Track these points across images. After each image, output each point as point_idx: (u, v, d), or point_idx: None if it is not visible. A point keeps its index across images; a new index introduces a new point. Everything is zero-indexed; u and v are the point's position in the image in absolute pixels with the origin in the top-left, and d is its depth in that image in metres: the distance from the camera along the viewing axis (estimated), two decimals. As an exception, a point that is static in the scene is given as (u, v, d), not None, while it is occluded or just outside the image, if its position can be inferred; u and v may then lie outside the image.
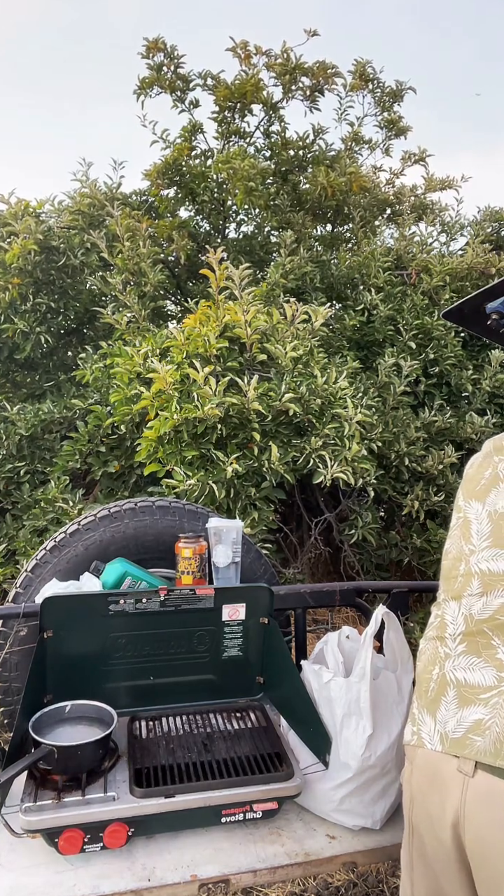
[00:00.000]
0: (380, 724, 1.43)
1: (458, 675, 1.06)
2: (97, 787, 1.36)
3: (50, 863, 1.31)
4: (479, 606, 1.08)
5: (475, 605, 1.09)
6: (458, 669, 1.07)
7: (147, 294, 3.52)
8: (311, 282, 3.68)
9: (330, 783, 1.45)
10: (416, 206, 4.49)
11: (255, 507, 2.53)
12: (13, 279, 3.45)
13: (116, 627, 1.62)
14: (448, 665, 1.09)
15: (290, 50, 4.00)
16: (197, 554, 1.77)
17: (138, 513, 1.90)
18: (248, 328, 2.63)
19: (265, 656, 1.74)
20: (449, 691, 1.07)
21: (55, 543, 1.84)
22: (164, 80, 4.05)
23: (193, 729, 1.61)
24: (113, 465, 2.94)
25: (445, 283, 3.77)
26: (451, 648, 1.11)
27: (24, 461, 3.10)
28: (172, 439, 2.50)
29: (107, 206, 3.59)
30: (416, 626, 2.61)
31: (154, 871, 1.30)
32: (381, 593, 2.05)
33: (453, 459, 3.07)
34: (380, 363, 3.24)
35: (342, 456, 2.52)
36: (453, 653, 1.10)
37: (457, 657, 1.08)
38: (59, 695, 1.56)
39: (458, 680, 1.06)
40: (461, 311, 1.42)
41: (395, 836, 1.44)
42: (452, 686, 1.07)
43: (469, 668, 1.05)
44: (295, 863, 1.36)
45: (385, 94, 4.34)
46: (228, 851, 1.37)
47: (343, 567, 3.29)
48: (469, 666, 1.05)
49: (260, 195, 3.74)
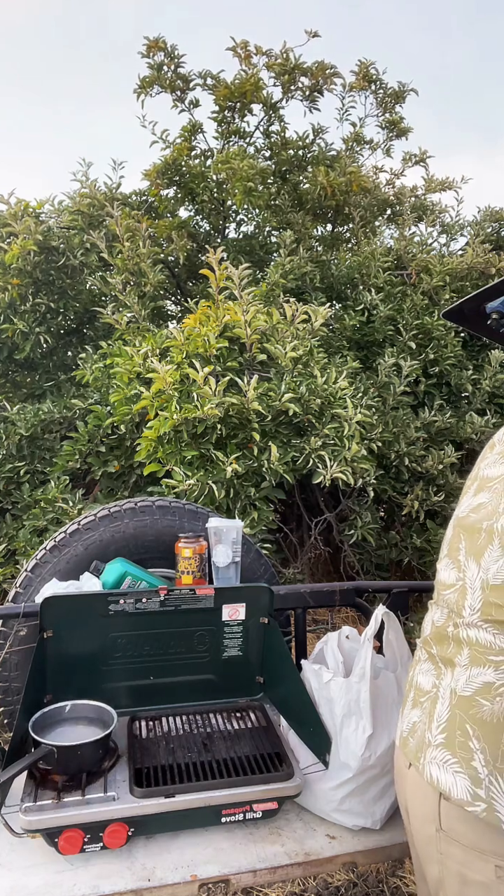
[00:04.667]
0: (380, 724, 1.43)
1: (419, 678, 1.11)
2: (97, 787, 1.36)
3: (50, 863, 1.31)
4: (438, 614, 1.11)
5: (436, 613, 1.12)
6: (419, 674, 1.11)
7: (147, 294, 3.53)
8: (311, 282, 3.68)
9: (330, 783, 1.45)
10: (417, 207, 4.50)
11: (255, 507, 2.53)
12: (13, 279, 3.46)
13: (116, 627, 1.62)
14: (416, 668, 1.14)
15: (289, 50, 4.01)
16: (197, 554, 1.77)
17: (138, 513, 1.90)
18: (247, 328, 2.63)
19: (265, 656, 1.74)
20: (411, 693, 1.12)
21: (55, 543, 1.83)
22: (165, 79, 4.06)
23: (193, 729, 1.61)
24: (113, 465, 2.94)
25: (445, 283, 3.77)
26: (420, 652, 1.15)
27: (24, 461, 3.10)
28: (172, 439, 2.50)
29: (106, 207, 3.59)
30: (416, 626, 2.60)
31: (154, 871, 1.30)
32: (381, 593, 2.05)
33: (453, 459, 3.07)
34: (380, 363, 3.24)
35: (342, 456, 2.52)
36: (421, 657, 1.14)
37: (422, 662, 1.13)
38: (59, 695, 1.56)
39: (417, 683, 1.11)
40: (461, 311, 1.42)
41: (395, 836, 1.44)
42: (412, 689, 1.12)
43: (424, 673, 1.10)
44: (295, 863, 1.36)
45: (387, 95, 4.34)
46: (228, 851, 1.36)
47: (343, 567, 3.30)
48: (425, 671, 1.10)
49: (259, 195, 3.75)
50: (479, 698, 0.95)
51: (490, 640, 0.96)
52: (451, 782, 0.95)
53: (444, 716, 1.00)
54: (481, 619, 0.99)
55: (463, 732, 0.96)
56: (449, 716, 0.99)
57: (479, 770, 0.93)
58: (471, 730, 0.95)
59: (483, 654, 0.97)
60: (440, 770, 0.97)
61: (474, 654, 0.98)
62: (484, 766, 0.93)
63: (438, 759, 0.98)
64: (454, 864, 0.95)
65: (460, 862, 0.94)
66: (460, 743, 0.96)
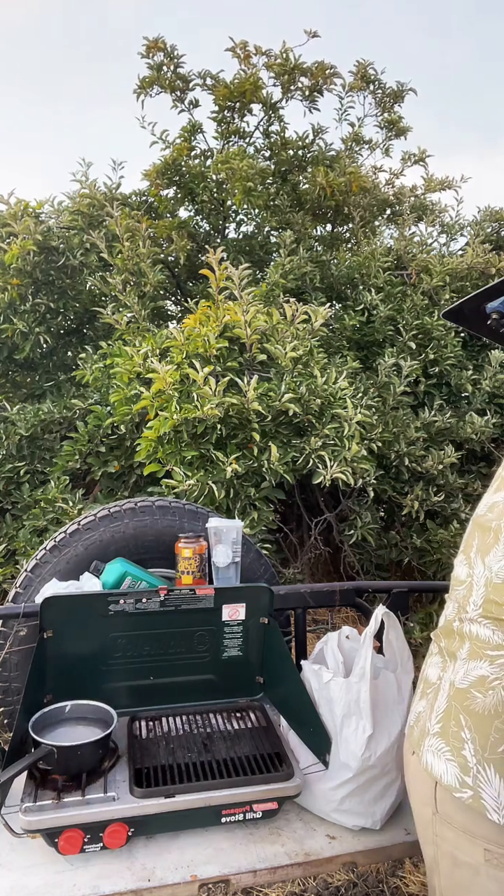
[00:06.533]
0: (380, 725, 1.43)
1: (428, 671, 1.15)
2: (97, 787, 1.36)
3: (50, 863, 1.31)
4: (450, 609, 1.15)
5: (449, 608, 1.16)
6: (429, 666, 1.16)
7: (147, 294, 3.52)
8: (311, 282, 3.68)
9: (330, 783, 1.45)
10: (416, 207, 4.50)
11: (255, 508, 2.53)
12: (12, 279, 3.46)
13: (116, 627, 1.62)
14: (427, 661, 1.18)
15: (289, 50, 4.01)
16: (197, 554, 1.77)
17: (138, 513, 1.90)
18: (247, 328, 2.63)
19: (265, 656, 1.74)
20: (420, 685, 1.17)
21: (55, 543, 1.83)
22: (164, 79, 4.06)
23: (193, 729, 1.61)
24: (113, 465, 2.94)
25: (445, 283, 3.77)
26: (432, 646, 1.19)
27: (24, 461, 3.10)
28: (172, 439, 2.50)
29: (106, 207, 3.59)
30: (416, 626, 2.60)
31: (154, 871, 1.30)
32: (381, 593, 2.05)
33: (453, 459, 3.07)
34: (380, 363, 3.24)
35: (342, 456, 2.52)
36: (432, 650, 1.18)
37: (433, 655, 1.17)
38: (59, 695, 1.56)
39: (426, 675, 1.15)
40: (461, 311, 1.42)
41: (395, 836, 1.44)
42: (422, 681, 1.17)
43: (432, 666, 1.14)
44: (295, 863, 1.36)
45: (386, 95, 4.34)
46: (228, 851, 1.36)
47: (343, 567, 3.30)
48: (434, 663, 1.14)
49: (259, 195, 3.75)
50: (473, 691, 0.99)
51: (488, 636, 1.00)
52: (443, 769, 1.00)
53: (441, 706, 1.05)
54: (482, 616, 1.02)
55: (457, 723, 1.00)
56: (446, 706, 1.03)
57: (469, 759, 0.97)
58: (464, 720, 0.99)
59: (481, 648, 1.01)
60: (435, 757, 1.02)
61: (473, 648, 1.02)
62: (473, 755, 0.97)
63: (434, 746, 1.03)
64: (447, 845, 1.00)
65: (452, 844, 0.99)
66: (453, 733, 1.00)
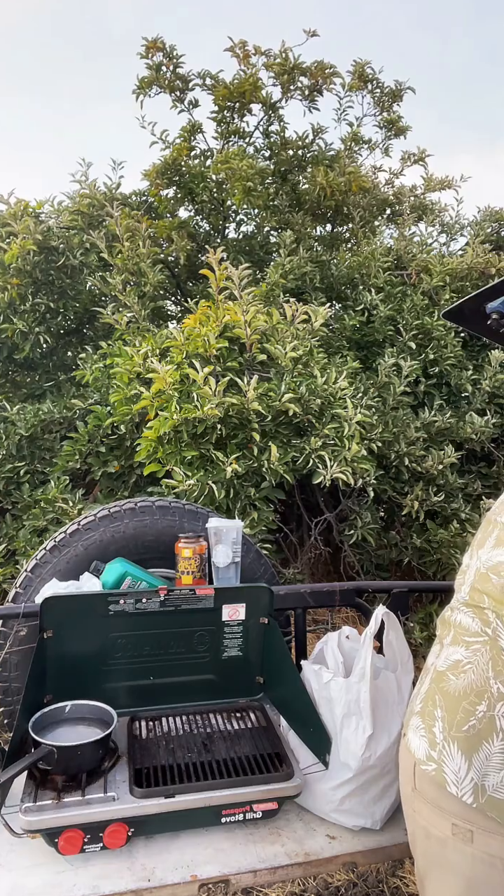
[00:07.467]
0: (380, 725, 1.43)
1: (429, 658, 1.18)
2: (97, 787, 1.36)
3: (50, 863, 1.31)
4: (452, 599, 1.18)
5: (453, 598, 1.19)
6: (430, 655, 1.19)
7: (147, 294, 3.52)
8: (311, 282, 3.67)
9: (330, 783, 1.45)
10: (416, 207, 4.49)
11: (255, 508, 2.53)
12: (12, 279, 3.45)
13: (116, 627, 1.62)
14: (431, 650, 1.21)
15: (288, 50, 4.00)
16: (197, 554, 1.77)
17: (138, 513, 1.90)
18: (247, 328, 2.63)
19: (265, 656, 1.74)
20: (422, 673, 1.20)
21: (55, 543, 1.83)
22: (164, 79, 4.05)
23: (193, 729, 1.61)
24: (113, 465, 2.94)
25: (445, 283, 3.77)
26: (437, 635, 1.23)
27: (24, 461, 3.09)
28: (172, 439, 2.50)
29: (106, 207, 3.59)
30: (416, 626, 2.60)
31: (154, 871, 1.30)
32: (381, 593, 2.05)
33: (453, 459, 3.07)
34: (380, 363, 3.23)
35: (342, 456, 2.52)
36: (436, 639, 1.21)
37: (435, 644, 1.19)
38: (59, 695, 1.56)
39: (426, 663, 1.19)
40: (461, 311, 1.42)
41: (395, 837, 1.44)
42: (424, 668, 1.20)
43: (431, 653, 1.18)
44: (295, 863, 1.36)
45: (384, 95, 4.34)
46: (228, 851, 1.36)
47: (343, 567, 3.29)
48: (432, 651, 1.18)
49: (259, 195, 3.74)
50: (448, 673, 1.06)
51: (468, 623, 1.06)
52: (417, 745, 1.06)
53: (424, 688, 1.11)
54: (466, 604, 1.08)
55: (433, 703, 1.06)
56: (427, 688, 1.10)
57: (437, 735, 1.03)
58: (438, 700, 1.06)
59: (461, 635, 1.06)
60: (414, 734, 1.08)
61: (455, 634, 1.08)
62: (441, 731, 1.03)
63: (414, 724, 1.09)
64: (421, 819, 1.05)
65: (425, 818, 1.04)
66: (429, 712, 1.07)
